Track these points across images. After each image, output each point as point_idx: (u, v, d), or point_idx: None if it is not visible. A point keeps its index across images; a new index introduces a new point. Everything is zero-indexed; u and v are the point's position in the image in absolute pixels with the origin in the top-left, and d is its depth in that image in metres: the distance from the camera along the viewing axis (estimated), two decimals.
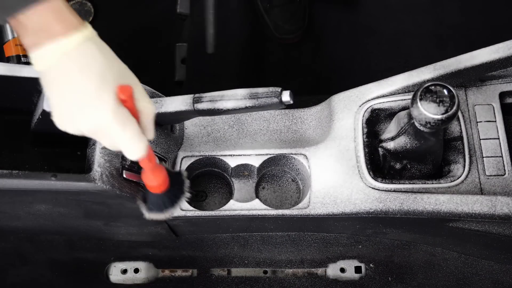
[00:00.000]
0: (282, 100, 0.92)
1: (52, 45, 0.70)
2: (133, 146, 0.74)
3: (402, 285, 1.32)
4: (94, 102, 0.72)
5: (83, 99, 0.72)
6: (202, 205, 1.22)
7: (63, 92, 0.73)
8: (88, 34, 0.73)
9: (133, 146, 0.74)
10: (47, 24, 0.70)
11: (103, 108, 0.72)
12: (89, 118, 0.73)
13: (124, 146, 0.74)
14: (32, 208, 1.08)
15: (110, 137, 0.74)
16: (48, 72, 0.72)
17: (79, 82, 0.71)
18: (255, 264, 1.34)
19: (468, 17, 1.73)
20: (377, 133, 1.12)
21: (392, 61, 1.69)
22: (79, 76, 0.71)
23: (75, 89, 0.72)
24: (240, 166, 1.15)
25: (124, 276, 1.35)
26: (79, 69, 0.71)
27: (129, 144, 0.74)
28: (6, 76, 0.99)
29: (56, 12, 0.70)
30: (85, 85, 0.71)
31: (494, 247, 1.22)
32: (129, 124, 0.74)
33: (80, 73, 0.71)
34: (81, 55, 0.72)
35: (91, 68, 0.72)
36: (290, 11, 1.71)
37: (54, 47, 0.70)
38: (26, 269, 1.36)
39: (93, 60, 0.72)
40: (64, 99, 0.73)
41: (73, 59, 0.71)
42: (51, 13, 0.70)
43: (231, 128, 1.17)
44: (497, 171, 1.06)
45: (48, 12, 0.70)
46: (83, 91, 0.72)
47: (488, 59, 1.05)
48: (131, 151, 0.75)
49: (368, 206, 1.05)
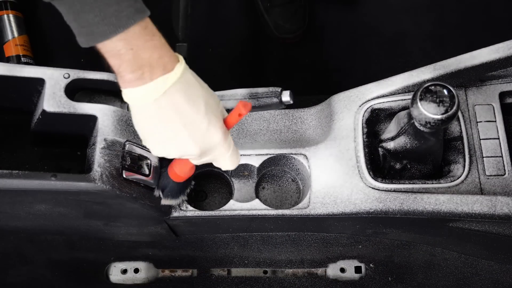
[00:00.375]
0: (282, 100, 0.92)
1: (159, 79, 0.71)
2: (233, 161, 0.84)
3: (402, 285, 1.32)
4: (207, 129, 0.77)
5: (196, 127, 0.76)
6: (202, 205, 1.22)
7: (168, 121, 0.75)
8: (184, 66, 0.74)
9: (233, 160, 0.84)
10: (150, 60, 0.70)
11: (215, 132, 0.78)
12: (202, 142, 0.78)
13: (226, 161, 0.83)
14: (32, 208, 1.08)
15: (214, 155, 0.81)
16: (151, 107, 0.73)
17: (187, 111, 0.75)
18: (255, 264, 1.34)
19: (468, 17, 1.74)
20: (377, 133, 1.12)
21: (392, 61, 1.69)
22: (187, 107, 0.74)
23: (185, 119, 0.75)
24: (240, 166, 1.15)
25: (124, 276, 1.35)
26: (185, 100, 0.74)
27: (230, 160, 0.83)
28: (6, 76, 0.99)
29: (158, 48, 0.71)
30: (196, 114, 0.75)
31: (494, 247, 1.22)
32: (231, 143, 0.82)
33: (187, 104, 0.74)
34: (185, 86, 0.74)
35: (195, 97, 0.75)
36: (290, 11, 1.71)
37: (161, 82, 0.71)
38: (26, 269, 1.36)
39: (195, 88, 0.76)
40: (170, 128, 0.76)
41: (178, 91, 0.73)
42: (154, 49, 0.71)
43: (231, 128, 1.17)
44: (497, 171, 1.06)
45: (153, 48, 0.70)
46: (194, 120, 0.75)
47: (488, 59, 1.05)
48: (231, 165, 0.84)
49: (368, 206, 1.05)
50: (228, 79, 1.67)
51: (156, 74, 0.71)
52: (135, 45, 0.69)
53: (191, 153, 0.80)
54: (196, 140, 0.77)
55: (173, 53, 0.74)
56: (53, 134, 1.03)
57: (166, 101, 0.73)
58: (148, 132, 0.78)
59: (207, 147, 0.79)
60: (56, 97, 0.97)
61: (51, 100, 0.97)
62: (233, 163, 0.84)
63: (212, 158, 0.83)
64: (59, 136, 1.04)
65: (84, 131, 1.00)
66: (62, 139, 1.05)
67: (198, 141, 0.77)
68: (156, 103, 0.73)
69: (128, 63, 0.70)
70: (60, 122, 0.99)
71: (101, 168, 0.94)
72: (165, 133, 0.76)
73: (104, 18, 0.66)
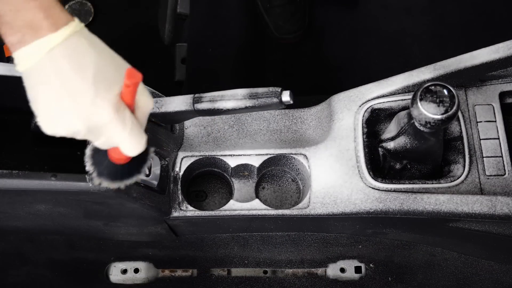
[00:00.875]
0: (282, 100, 0.92)
1: (38, 41, 0.65)
2: (133, 143, 0.70)
3: (402, 285, 1.32)
4: (92, 101, 0.66)
5: (79, 98, 0.66)
6: (202, 205, 1.22)
7: (52, 92, 0.66)
8: (76, 27, 0.67)
9: (133, 143, 0.70)
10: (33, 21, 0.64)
11: (103, 106, 0.66)
12: (87, 118, 0.67)
13: (124, 143, 0.70)
14: (32, 208, 1.08)
15: (107, 135, 0.69)
16: (33, 71, 0.66)
17: (72, 80, 0.65)
18: (255, 264, 1.34)
19: (468, 17, 1.73)
20: (377, 133, 1.12)
21: (392, 61, 1.69)
22: (72, 74, 0.65)
23: (68, 88, 0.66)
24: (240, 166, 1.15)
25: (124, 276, 1.35)
26: (71, 66, 0.65)
27: (129, 142, 0.70)
28: (6, 76, 0.99)
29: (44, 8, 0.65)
30: (80, 83, 0.66)
31: (494, 247, 1.22)
32: (128, 120, 0.69)
33: (72, 70, 0.65)
34: (71, 51, 0.66)
35: (83, 64, 0.66)
36: (290, 11, 1.71)
37: (40, 44, 0.65)
38: (26, 269, 1.36)
39: (85, 54, 0.66)
40: (54, 100, 0.67)
41: (62, 56, 0.65)
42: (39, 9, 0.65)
43: (231, 128, 1.17)
44: (497, 171, 1.06)
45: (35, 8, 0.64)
46: (78, 89, 0.66)
47: (488, 59, 1.05)
48: (131, 148, 0.71)
49: (368, 206, 1.05)
50: (228, 79, 1.67)
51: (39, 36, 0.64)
52: (14, 6, 0.63)
53: (76, 129, 0.68)
54: (80, 114, 0.66)
55: (66, 15, 0.67)
56: None
57: (49, 65, 0.65)
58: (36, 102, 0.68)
59: (94, 123, 0.67)
60: None
61: None
62: (134, 145, 0.70)
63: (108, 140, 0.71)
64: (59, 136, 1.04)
65: None
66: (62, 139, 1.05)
67: (81, 115, 0.66)
68: (38, 68, 0.65)
69: (8, 25, 0.64)
70: None
71: None
72: (48, 103, 0.67)
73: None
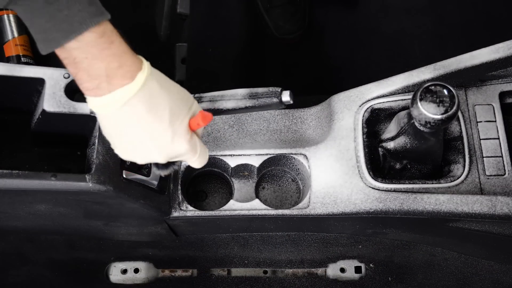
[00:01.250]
0: (282, 100, 0.92)
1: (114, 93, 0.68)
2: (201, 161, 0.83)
3: (402, 285, 1.32)
4: (172, 140, 0.74)
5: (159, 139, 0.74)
6: (202, 205, 1.22)
7: (134, 135, 0.73)
8: (147, 71, 0.71)
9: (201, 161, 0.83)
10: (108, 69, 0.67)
11: (180, 142, 0.76)
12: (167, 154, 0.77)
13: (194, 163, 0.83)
14: (32, 208, 1.08)
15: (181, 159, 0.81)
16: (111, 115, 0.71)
17: (151, 123, 0.72)
18: (255, 264, 1.34)
19: (468, 17, 1.73)
20: (377, 133, 1.12)
21: (392, 61, 1.69)
22: (150, 118, 0.71)
23: (148, 131, 0.73)
24: (240, 166, 1.15)
25: (124, 276, 1.35)
26: (148, 110, 0.71)
27: (198, 162, 0.83)
28: (6, 76, 0.99)
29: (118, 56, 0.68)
30: (159, 125, 0.73)
31: (494, 247, 1.22)
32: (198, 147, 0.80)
33: (149, 114, 0.71)
34: (148, 97, 0.71)
35: (159, 107, 0.72)
36: (290, 11, 1.71)
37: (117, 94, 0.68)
38: (26, 269, 1.36)
39: (159, 97, 0.72)
40: (137, 141, 0.74)
41: (140, 102, 0.70)
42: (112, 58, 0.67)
43: (231, 128, 1.17)
44: (497, 171, 1.06)
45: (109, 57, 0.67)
46: (158, 131, 0.73)
47: (488, 59, 1.05)
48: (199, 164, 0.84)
49: (368, 206, 1.05)
50: (228, 79, 1.67)
51: (115, 85, 0.68)
52: (90, 54, 0.65)
53: (157, 161, 0.79)
54: (161, 150, 0.76)
55: (136, 60, 0.70)
56: (53, 134, 1.03)
57: (128, 112, 0.70)
58: (113, 138, 0.75)
59: (173, 155, 0.78)
60: (56, 97, 0.97)
61: (51, 100, 0.97)
62: (200, 163, 0.84)
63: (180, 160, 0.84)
64: (59, 136, 1.04)
65: (84, 131, 1.00)
66: (62, 139, 1.05)
67: (163, 151, 0.76)
68: (117, 113, 0.70)
69: (84, 72, 0.67)
70: (60, 122, 0.99)
71: (101, 168, 0.94)
72: (129, 141, 0.74)
73: (56, 24, 0.63)
